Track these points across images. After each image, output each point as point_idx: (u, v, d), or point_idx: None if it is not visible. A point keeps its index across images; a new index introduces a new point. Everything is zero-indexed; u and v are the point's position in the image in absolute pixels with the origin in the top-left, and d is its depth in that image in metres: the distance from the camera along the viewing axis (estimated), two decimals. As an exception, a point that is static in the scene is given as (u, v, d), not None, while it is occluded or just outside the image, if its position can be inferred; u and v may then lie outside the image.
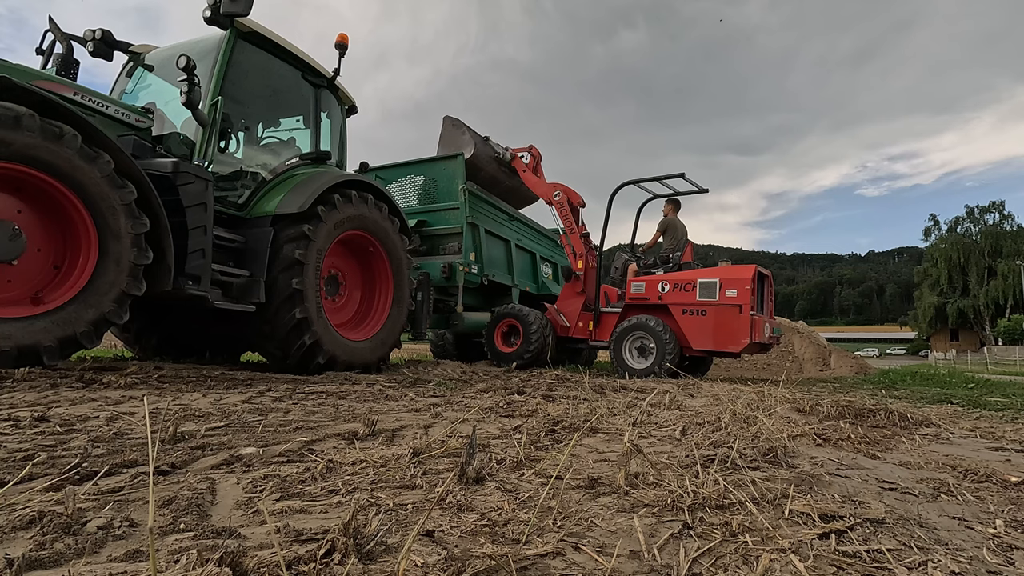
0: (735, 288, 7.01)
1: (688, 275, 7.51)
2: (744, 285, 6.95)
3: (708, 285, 7.23)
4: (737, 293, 6.96)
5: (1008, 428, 3.00)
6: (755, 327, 6.82)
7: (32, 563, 0.90)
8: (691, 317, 7.29)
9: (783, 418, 2.80)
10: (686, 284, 7.37)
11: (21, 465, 1.41)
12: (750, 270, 7.12)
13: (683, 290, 7.37)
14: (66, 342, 3.22)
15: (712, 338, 7.11)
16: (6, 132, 2.95)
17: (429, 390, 3.74)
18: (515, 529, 1.12)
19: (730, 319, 6.99)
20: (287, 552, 0.95)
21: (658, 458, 1.82)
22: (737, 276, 7.09)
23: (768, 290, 7.61)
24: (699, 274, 7.45)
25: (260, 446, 1.79)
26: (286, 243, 4.35)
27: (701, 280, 7.31)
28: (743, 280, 6.99)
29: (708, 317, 7.16)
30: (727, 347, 7.03)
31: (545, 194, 8.72)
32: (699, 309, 7.24)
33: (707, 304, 7.18)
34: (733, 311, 6.96)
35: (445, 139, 8.71)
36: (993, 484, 1.71)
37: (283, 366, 4.56)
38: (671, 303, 7.43)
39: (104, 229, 3.37)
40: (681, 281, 7.42)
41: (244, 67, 4.57)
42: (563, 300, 8.51)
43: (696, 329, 7.22)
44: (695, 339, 7.20)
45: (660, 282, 7.59)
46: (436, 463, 1.65)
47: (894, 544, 1.12)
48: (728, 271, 7.34)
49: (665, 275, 7.72)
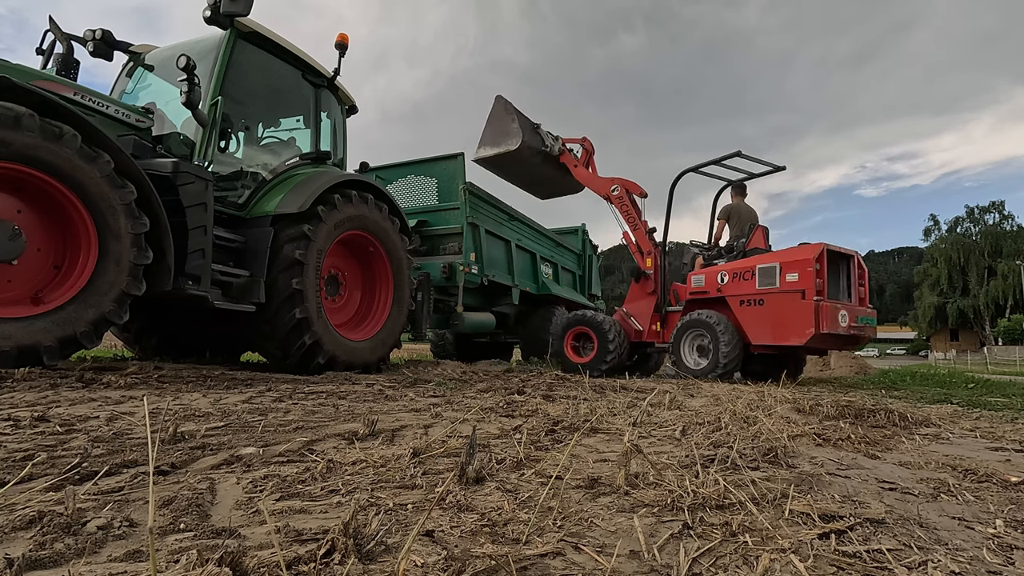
0: (796, 271, 6.15)
1: (747, 262, 6.73)
2: (806, 267, 6.08)
3: (767, 271, 6.39)
4: (799, 277, 6.10)
5: (1008, 428, 3.00)
6: (823, 315, 5.91)
7: (32, 563, 0.90)
8: (749, 308, 6.50)
9: (783, 418, 2.81)
10: (745, 272, 6.59)
11: (21, 465, 1.41)
12: (814, 250, 6.20)
13: (742, 279, 6.60)
14: (66, 342, 3.22)
15: (771, 330, 6.30)
16: (6, 132, 2.95)
17: (429, 390, 3.74)
18: (515, 529, 1.12)
19: (791, 307, 6.13)
20: (287, 552, 0.95)
21: (658, 458, 1.82)
22: (799, 258, 6.23)
23: (856, 273, 6.63)
24: (759, 260, 6.61)
25: (260, 446, 1.79)
26: (286, 243, 4.35)
27: (760, 266, 6.48)
28: (805, 262, 6.12)
29: (766, 307, 6.35)
30: (788, 339, 6.19)
31: (601, 189, 8.10)
32: (756, 299, 6.43)
33: (766, 292, 6.36)
34: (794, 298, 6.10)
35: (493, 121, 8.25)
36: (993, 484, 1.71)
37: (283, 366, 4.56)
38: (729, 295, 6.69)
39: (104, 229, 3.37)
40: (740, 270, 6.66)
41: (244, 67, 4.57)
42: (632, 302, 7.90)
43: (754, 321, 6.45)
44: (754, 332, 6.43)
45: (719, 273, 6.86)
46: (436, 463, 1.65)
47: (894, 544, 1.12)
48: (789, 253, 6.47)
49: (725, 265, 7.00)
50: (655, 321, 7.58)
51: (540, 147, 8.23)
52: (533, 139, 8.14)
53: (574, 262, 11.75)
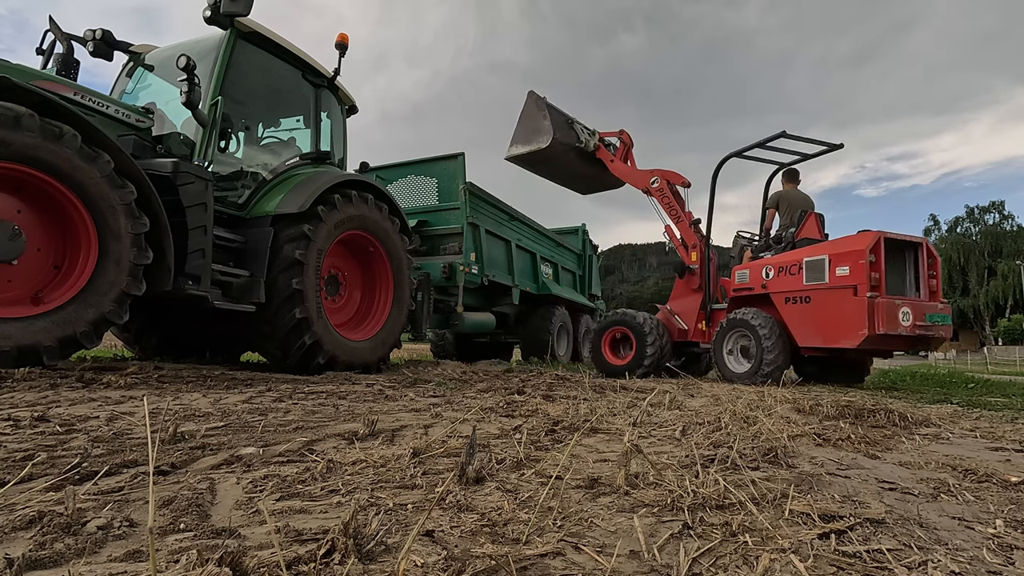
0: (847, 264, 5.40)
1: (793, 255, 6.02)
2: (858, 259, 5.33)
3: (815, 265, 5.65)
4: (850, 271, 5.36)
5: (1008, 428, 3.00)
6: (879, 313, 5.18)
7: (32, 563, 0.90)
8: (794, 307, 5.79)
9: (783, 418, 2.81)
10: (791, 266, 5.89)
11: (21, 465, 1.41)
12: (867, 239, 5.42)
13: (788, 274, 5.91)
14: (66, 342, 3.22)
15: (820, 331, 5.60)
16: (6, 132, 2.96)
17: (429, 390, 3.74)
18: (515, 529, 1.12)
19: (842, 305, 5.41)
20: (287, 552, 0.95)
21: (658, 458, 1.82)
22: (850, 249, 5.46)
23: (926, 264, 5.81)
24: (806, 252, 5.88)
25: (260, 446, 1.79)
26: (286, 243, 4.35)
27: (808, 259, 5.74)
28: (857, 253, 5.36)
29: (814, 305, 5.64)
30: (839, 341, 5.46)
31: (640, 183, 7.65)
32: (802, 296, 5.73)
33: (813, 289, 5.65)
34: (845, 294, 5.37)
35: (525, 118, 8.02)
36: (993, 484, 1.71)
37: (283, 366, 4.56)
38: (774, 291, 6.03)
39: (104, 229, 3.37)
40: (786, 263, 5.97)
41: (244, 67, 4.57)
42: (676, 299, 7.38)
43: (801, 321, 5.76)
44: (801, 333, 5.74)
45: (765, 267, 6.18)
46: (436, 463, 1.65)
47: (894, 544, 1.12)
48: (840, 244, 5.70)
49: (770, 259, 6.30)
50: (701, 319, 6.99)
51: (574, 143, 7.99)
52: (567, 135, 7.93)
53: (574, 262, 11.76)
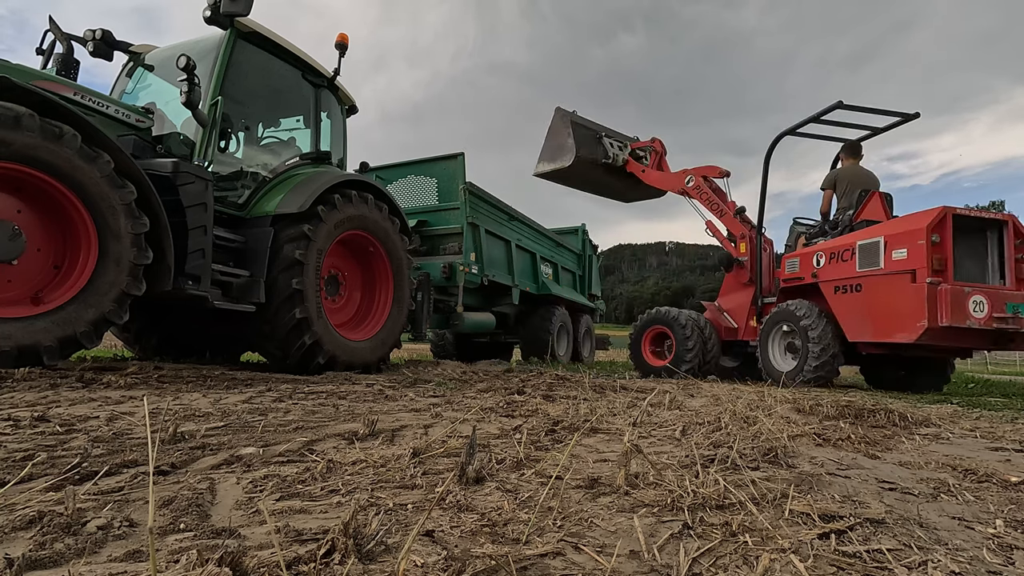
0: (905, 246, 4.76)
1: (846, 239, 5.42)
2: (917, 239, 4.67)
3: (870, 248, 5.00)
4: (907, 253, 4.71)
5: (1008, 428, 3.00)
6: (942, 302, 4.49)
7: (32, 563, 0.90)
8: (844, 296, 5.20)
9: (783, 418, 2.80)
10: (843, 251, 5.28)
11: (21, 465, 1.41)
12: (928, 216, 4.74)
13: (840, 260, 5.32)
14: (66, 342, 3.22)
15: (872, 323, 4.98)
16: (6, 132, 2.96)
17: (429, 390, 3.74)
18: (515, 529, 1.12)
19: (896, 293, 4.78)
20: (287, 552, 0.95)
21: (658, 458, 1.82)
22: (908, 228, 4.82)
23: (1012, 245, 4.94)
24: (860, 235, 5.25)
25: (260, 446, 1.79)
26: (286, 243, 4.35)
27: (861, 243, 5.12)
28: (915, 233, 4.71)
29: (864, 294, 5.04)
30: (893, 335, 4.82)
31: (675, 186, 7.41)
32: (853, 284, 5.13)
33: (866, 275, 5.03)
34: (902, 281, 4.74)
35: (551, 135, 7.98)
36: (993, 484, 1.71)
37: (283, 366, 4.56)
38: (823, 280, 5.45)
39: (104, 229, 3.37)
40: (838, 249, 5.36)
41: (244, 67, 4.57)
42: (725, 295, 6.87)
43: (851, 312, 5.15)
44: (851, 326, 5.16)
45: (815, 254, 5.59)
46: (436, 463, 1.65)
47: (894, 544, 1.12)
48: (898, 223, 5.06)
49: (822, 244, 5.70)
50: (752, 315, 6.39)
51: (601, 159, 7.88)
52: (594, 151, 7.84)
53: (574, 262, 11.76)
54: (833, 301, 5.32)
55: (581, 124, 7.86)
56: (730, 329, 6.70)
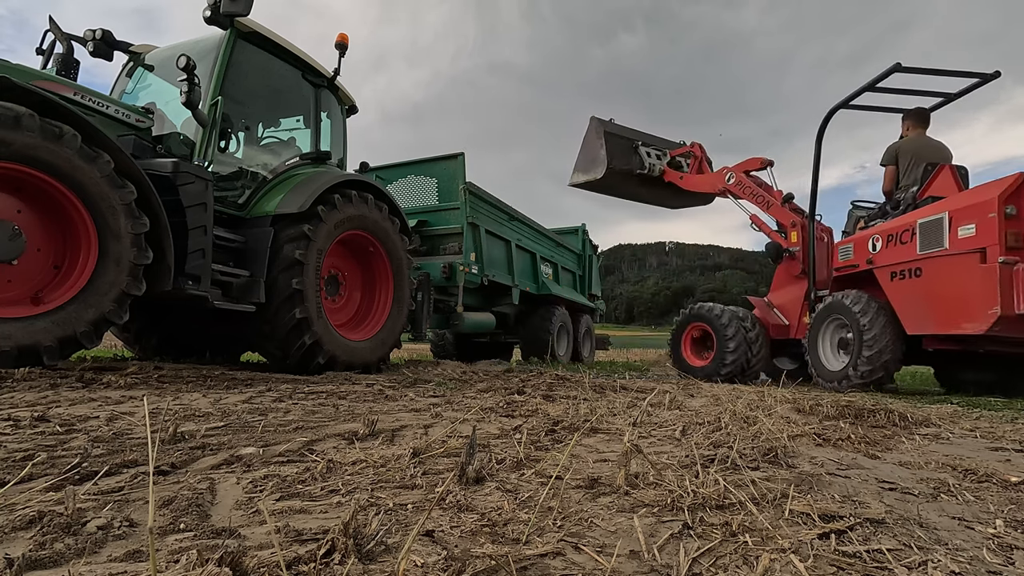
0: (973, 221, 4.15)
1: (906, 219, 4.78)
2: (987, 212, 4.07)
3: (932, 227, 4.39)
4: (976, 229, 4.12)
5: (1008, 428, 3.00)
6: (1018, 284, 3.91)
7: (32, 563, 0.90)
8: (901, 283, 4.61)
9: (783, 418, 2.80)
10: (902, 232, 4.69)
11: (21, 465, 1.41)
12: (1003, 185, 4.12)
13: (898, 243, 4.72)
14: (66, 342, 3.22)
15: (933, 313, 4.37)
16: (6, 132, 2.96)
17: (429, 390, 3.74)
18: (515, 529, 1.12)
19: (963, 276, 4.17)
20: (287, 552, 0.95)
21: (658, 458, 1.82)
22: (977, 200, 4.19)
23: None
24: (922, 213, 4.63)
25: (260, 446, 1.79)
26: (286, 243, 4.35)
27: (922, 221, 4.51)
28: (985, 205, 4.09)
29: (925, 279, 4.43)
30: (960, 326, 4.21)
31: (715, 186, 7.07)
32: (912, 269, 4.53)
33: (928, 258, 4.42)
34: (969, 262, 4.12)
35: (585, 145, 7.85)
36: (993, 484, 1.71)
37: (283, 366, 4.56)
38: (879, 266, 4.88)
39: (104, 229, 3.37)
40: (896, 230, 4.77)
41: (244, 67, 4.57)
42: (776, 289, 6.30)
43: (910, 301, 4.55)
44: (910, 317, 4.55)
45: (871, 238, 5.03)
46: (436, 463, 1.65)
47: (894, 544, 1.12)
48: (964, 196, 4.43)
49: (878, 227, 5.11)
50: (805, 311, 5.75)
51: (637, 169, 7.67)
52: (629, 161, 7.66)
53: (574, 262, 11.76)
54: (890, 289, 4.71)
55: (615, 134, 7.69)
56: (780, 327, 6.13)
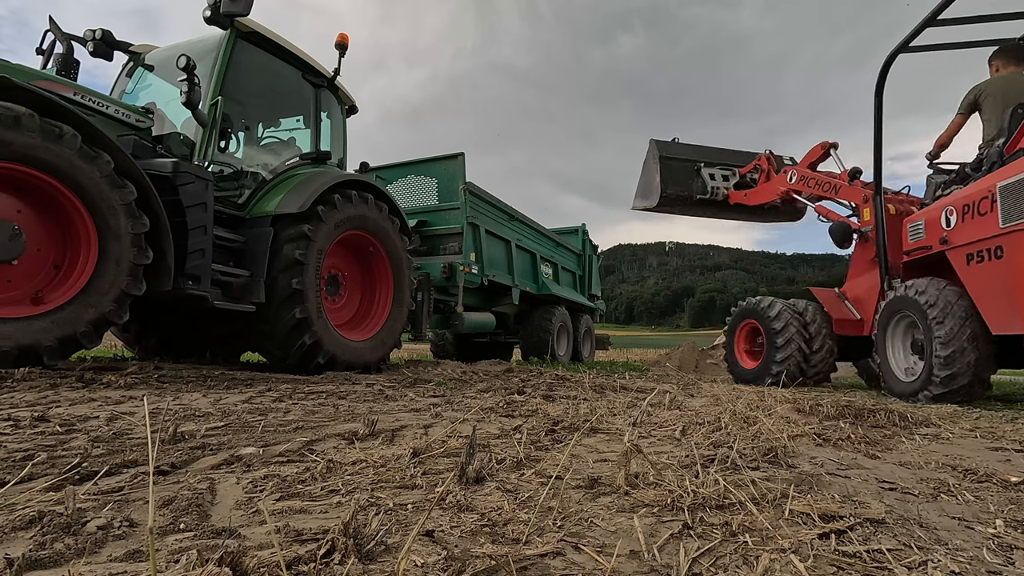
0: None
1: (984, 183, 3.77)
2: None
3: (1017, 189, 3.42)
4: None
5: (1008, 428, 3.00)
6: None
7: (32, 563, 0.90)
8: (980, 268, 3.68)
9: (783, 418, 2.80)
10: (981, 201, 3.69)
11: (21, 465, 1.41)
12: None
13: (976, 214, 3.73)
14: (66, 342, 3.22)
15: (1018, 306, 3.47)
16: (6, 132, 2.95)
17: (429, 390, 3.74)
18: (515, 529, 1.12)
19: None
20: (287, 552, 0.95)
21: (658, 458, 1.82)
22: None
23: None
24: (1003, 174, 3.60)
25: (260, 446, 1.79)
26: (286, 243, 4.35)
27: (1002, 184, 3.53)
28: None
29: (1007, 262, 3.50)
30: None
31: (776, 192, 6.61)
32: (992, 248, 3.58)
33: (1012, 232, 3.46)
34: None
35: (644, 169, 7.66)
36: (993, 484, 1.71)
37: (283, 366, 4.56)
38: (953, 246, 3.92)
39: (104, 229, 3.37)
40: (974, 198, 3.78)
41: (244, 67, 4.57)
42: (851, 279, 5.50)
43: (990, 292, 3.65)
44: (992, 311, 3.65)
45: (944, 211, 4.03)
46: (436, 463, 1.65)
47: (894, 544, 1.12)
48: None
49: (954, 195, 4.09)
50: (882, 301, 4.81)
51: (698, 194, 7.32)
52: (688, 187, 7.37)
53: (574, 262, 11.76)
54: (967, 276, 3.76)
55: (674, 157, 7.41)
56: (852, 322, 5.22)
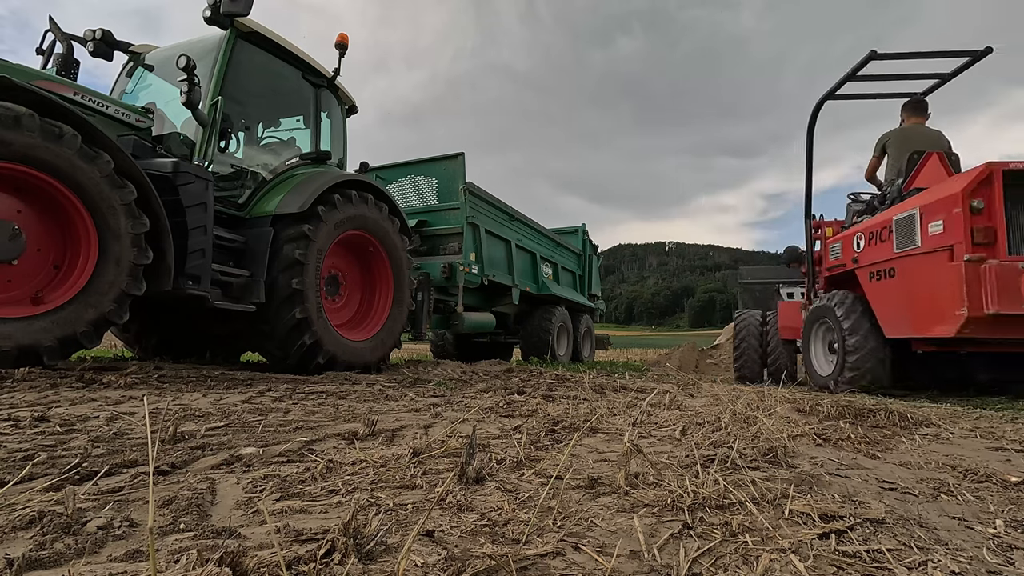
0: (940, 216, 3.91)
1: (885, 215, 4.61)
2: (952, 208, 3.84)
3: (906, 223, 4.21)
4: (944, 226, 3.88)
5: (1008, 428, 3.00)
6: (986, 283, 3.66)
7: (32, 563, 0.90)
8: (879, 284, 4.48)
9: (783, 418, 2.80)
10: (882, 230, 4.52)
11: (21, 465, 1.41)
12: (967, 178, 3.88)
13: (878, 241, 4.55)
14: (66, 342, 3.22)
15: (907, 315, 4.19)
16: (6, 132, 2.96)
17: (429, 390, 3.74)
18: (515, 529, 1.12)
19: (932, 276, 3.95)
20: (287, 552, 0.95)
21: (658, 458, 1.82)
22: (943, 195, 3.96)
23: None
24: (899, 209, 4.43)
25: (260, 446, 1.79)
26: (286, 243, 4.35)
27: (897, 218, 4.33)
28: (950, 199, 3.86)
29: (899, 279, 4.26)
30: (931, 329, 4.00)
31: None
32: (887, 269, 4.38)
33: (901, 257, 4.25)
34: (938, 260, 3.91)
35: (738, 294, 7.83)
36: (993, 484, 1.71)
37: (283, 366, 4.56)
38: (861, 266, 4.77)
39: (104, 229, 3.37)
40: (877, 228, 4.61)
41: (244, 67, 4.57)
42: None
43: (886, 302, 4.41)
44: (888, 319, 4.42)
45: (855, 236, 4.91)
46: (436, 463, 1.65)
47: (894, 544, 1.12)
48: (936, 190, 4.16)
49: (863, 224, 4.95)
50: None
51: None
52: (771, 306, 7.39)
53: (574, 262, 11.76)
54: (869, 290, 4.60)
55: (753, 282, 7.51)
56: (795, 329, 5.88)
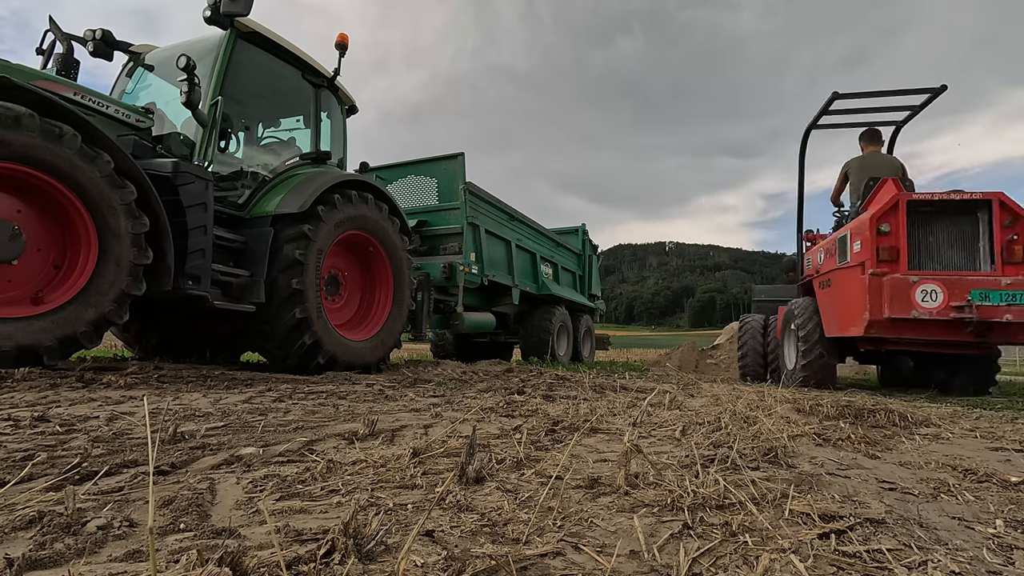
0: (859, 238, 4.87)
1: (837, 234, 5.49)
2: (865, 231, 4.77)
3: (842, 242, 5.18)
4: (861, 245, 4.82)
5: (1008, 428, 3.00)
6: (883, 293, 4.50)
7: (32, 563, 0.90)
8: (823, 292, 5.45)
9: (783, 418, 2.80)
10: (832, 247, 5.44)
11: (21, 465, 1.41)
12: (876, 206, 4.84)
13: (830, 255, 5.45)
14: (66, 342, 3.22)
15: (837, 317, 5.13)
16: (6, 132, 2.96)
17: (429, 390, 3.74)
18: (515, 529, 1.12)
19: (851, 287, 4.89)
20: (287, 552, 0.95)
21: (658, 458, 1.82)
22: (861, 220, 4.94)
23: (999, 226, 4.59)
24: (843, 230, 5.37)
25: (260, 446, 1.79)
26: (286, 243, 4.35)
27: (839, 237, 5.30)
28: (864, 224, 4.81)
29: (833, 289, 5.26)
30: (848, 330, 4.95)
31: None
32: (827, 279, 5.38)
33: (836, 270, 5.22)
34: (855, 274, 4.84)
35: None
36: (993, 484, 1.71)
37: (283, 366, 4.56)
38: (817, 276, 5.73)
39: (104, 229, 3.37)
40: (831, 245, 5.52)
41: (244, 67, 4.57)
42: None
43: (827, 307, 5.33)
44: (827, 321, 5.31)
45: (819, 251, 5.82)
46: (436, 463, 1.65)
47: (894, 544, 1.12)
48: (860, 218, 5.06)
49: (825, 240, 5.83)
50: None
51: None
52: None
53: (574, 262, 11.75)
54: (819, 297, 5.47)
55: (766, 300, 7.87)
56: None
